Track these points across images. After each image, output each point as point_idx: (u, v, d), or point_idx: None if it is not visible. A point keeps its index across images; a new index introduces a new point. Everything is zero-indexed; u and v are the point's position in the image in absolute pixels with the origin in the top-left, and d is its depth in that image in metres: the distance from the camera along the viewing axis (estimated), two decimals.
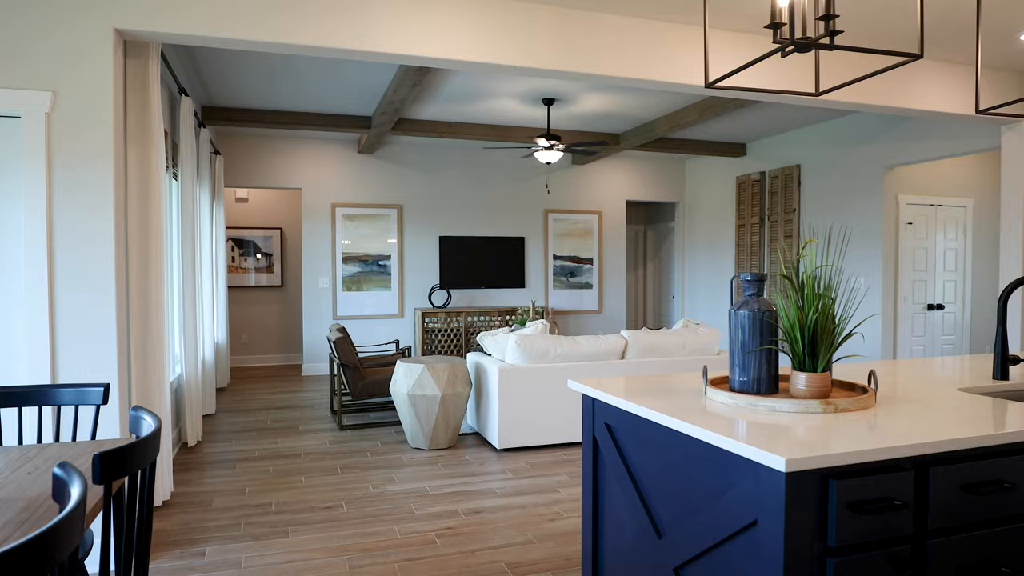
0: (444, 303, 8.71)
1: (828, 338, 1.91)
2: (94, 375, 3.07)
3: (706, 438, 1.68)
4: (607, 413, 2.24)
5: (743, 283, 2.11)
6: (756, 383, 2.05)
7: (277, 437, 5.25)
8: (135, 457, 1.54)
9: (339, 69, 5.56)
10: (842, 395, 2.05)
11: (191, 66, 5.48)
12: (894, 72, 4.54)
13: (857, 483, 1.50)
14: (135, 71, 3.51)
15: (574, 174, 9.50)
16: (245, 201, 9.13)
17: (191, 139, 4.98)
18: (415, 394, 4.75)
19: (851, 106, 4.51)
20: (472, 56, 3.64)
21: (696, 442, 1.78)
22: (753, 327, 2.05)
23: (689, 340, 5.29)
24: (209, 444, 5.03)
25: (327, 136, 8.24)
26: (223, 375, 7.29)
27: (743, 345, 2.06)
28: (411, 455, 4.73)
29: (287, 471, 4.37)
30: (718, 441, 1.64)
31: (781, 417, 1.84)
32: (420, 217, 8.80)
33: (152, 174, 3.58)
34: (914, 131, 6.43)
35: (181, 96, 4.83)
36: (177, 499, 3.83)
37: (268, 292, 9.26)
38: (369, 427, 5.54)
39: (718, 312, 9.37)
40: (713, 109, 6.22)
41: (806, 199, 7.78)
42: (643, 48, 3.94)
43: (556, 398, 4.86)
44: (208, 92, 6.30)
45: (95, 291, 3.06)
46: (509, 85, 5.99)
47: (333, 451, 4.84)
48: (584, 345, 4.98)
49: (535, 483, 4.12)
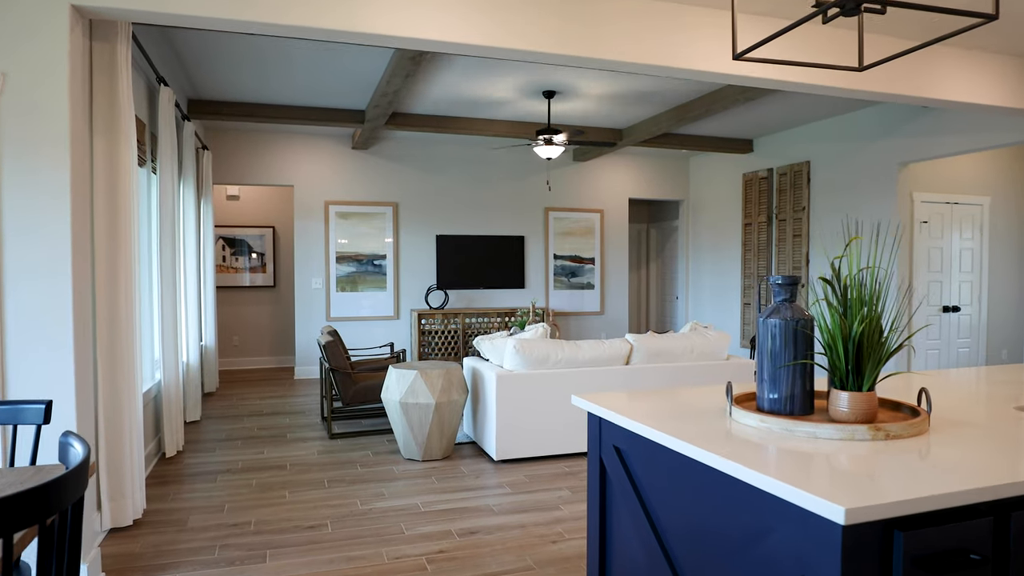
0: (441, 304, 8.44)
1: (876, 352, 1.64)
2: (50, 386, 2.79)
3: (740, 475, 1.41)
4: (616, 435, 1.97)
5: (773, 287, 1.84)
6: (789, 402, 1.78)
7: (263, 446, 4.98)
8: (51, 498, 1.27)
9: (330, 59, 5.29)
10: (889, 416, 1.78)
11: (172, 55, 5.21)
12: (925, 60, 4.26)
13: (926, 534, 1.22)
14: (102, 54, 3.24)
15: (575, 171, 9.23)
16: (237, 199, 8.86)
17: (171, 131, 4.71)
18: (407, 402, 4.47)
19: (880, 96, 4.22)
20: (470, 38, 3.37)
21: (724, 475, 1.51)
22: (785, 337, 1.77)
23: (697, 344, 5.01)
24: (191, 454, 4.76)
25: (320, 131, 7.97)
26: (211, 379, 7.02)
27: (774, 358, 1.79)
28: (403, 467, 4.46)
29: (270, 485, 4.09)
30: (757, 480, 1.36)
31: (823, 445, 1.57)
32: (416, 215, 8.52)
33: (121, 165, 3.31)
34: (931, 125, 6.16)
35: (160, 85, 4.56)
36: (150, 517, 3.56)
37: (260, 293, 8.99)
38: (361, 435, 5.27)
39: (724, 314, 9.10)
40: (722, 102, 5.94)
41: (816, 197, 7.50)
42: (656, 31, 3.66)
43: (557, 406, 4.59)
44: (193, 84, 6.02)
45: (47, 292, 2.78)
46: (508, 77, 5.71)
47: (321, 462, 4.57)
48: (586, 350, 4.71)
49: (535, 499, 3.85)
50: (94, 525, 3.15)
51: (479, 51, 3.51)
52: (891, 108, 6.54)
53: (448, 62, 5.35)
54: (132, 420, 3.40)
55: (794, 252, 7.77)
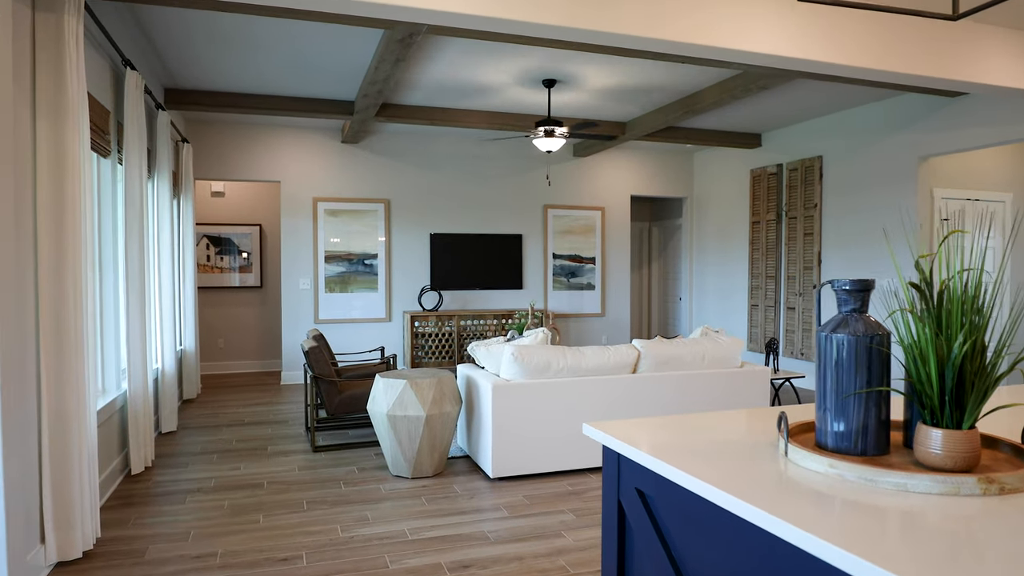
0: (435, 306, 8.06)
1: (982, 379, 1.27)
2: None
3: (819, 551, 1.04)
4: (640, 476, 1.60)
5: (839, 293, 1.47)
6: (860, 438, 1.41)
7: (241, 460, 4.61)
8: None
9: (311, 43, 4.91)
10: (990, 459, 1.41)
11: (143, 39, 4.83)
12: (961, 38, 3.90)
13: None
14: (46, 26, 2.86)
15: (576, 167, 8.85)
16: (222, 196, 8.47)
17: (140, 120, 4.33)
18: (396, 414, 4.10)
19: (910, 79, 3.85)
20: (468, 8, 3.00)
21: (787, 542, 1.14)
22: (856, 357, 1.41)
23: (709, 350, 4.65)
24: (160, 470, 4.38)
25: (308, 124, 7.59)
26: (191, 385, 6.64)
27: (840, 383, 1.42)
28: (391, 485, 4.09)
29: (244, 507, 3.72)
30: (845, 563, 0.99)
31: (916, 501, 1.20)
32: (409, 213, 8.14)
33: (69, 152, 2.93)
34: (954, 117, 5.80)
35: (127, 69, 4.18)
36: (104, 547, 3.18)
37: (247, 294, 8.60)
38: (347, 448, 4.90)
39: (730, 316, 8.73)
40: (733, 91, 5.58)
41: (828, 193, 7.14)
42: (677, 4, 3.29)
43: (558, 419, 4.22)
44: (170, 72, 5.64)
45: None
46: (505, 63, 5.34)
47: (301, 480, 4.19)
48: (590, 357, 4.34)
49: (535, 524, 3.48)
50: (36, 560, 2.77)
51: (479, 23, 3.14)
52: (910, 100, 6.18)
53: (440, 47, 4.97)
54: (83, 439, 3.02)
55: (805, 251, 7.42)
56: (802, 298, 7.46)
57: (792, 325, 7.61)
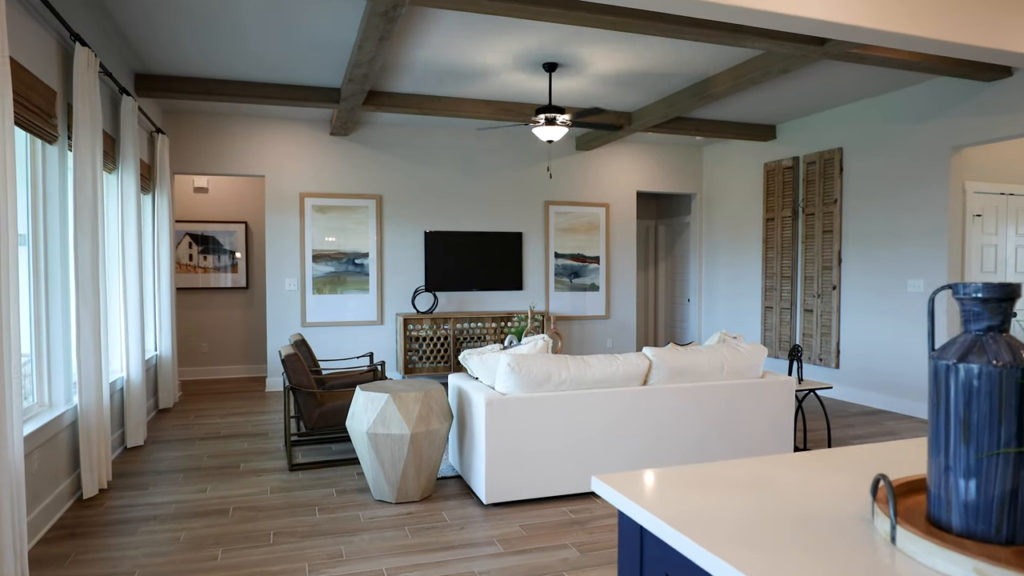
0: (430, 308, 7.60)
1: None
2: None
3: None
4: (673, 561, 1.13)
5: (965, 304, 1.01)
6: (1007, 518, 0.95)
7: (208, 481, 4.15)
8: None
9: (286, 21, 4.46)
10: None
11: (102, 15, 4.38)
12: (1010, 11, 3.43)
13: None
14: None
15: (578, 161, 8.39)
16: (205, 191, 8.02)
17: (92, 101, 3.88)
18: (377, 432, 3.64)
19: (957, 49, 3.37)
20: None
21: None
22: (1002, 398, 0.94)
23: (728, 359, 4.18)
24: (117, 493, 3.93)
25: (294, 115, 7.13)
26: (167, 393, 6.19)
27: (973, 434, 0.96)
28: (372, 512, 3.63)
29: (202, 540, 3.26)
30: None
31: None
32: (403, 209, 7.68)
33: None
34: (992, 102, 5.32)
35: (76, 45, 3.73)
36: None
37: (232, 295, 8.15)
38: (328, 466, 4.44)
39: (742, 318, 8.26)
40: (752, 75, 5.11)
41: (849, 187, 6.67)
42: None
43: (559, 437, 3.76)
44: (140, 56, 5.19)
45: None
46: (502, 41, 4.88)
47: (273, 504, 3.74)
48: (596, 368, 3.88)
49: (533, 562, 3.02)
50: None
51: None
52: (941, 85, 5.71)
53: (429, 24, 4.52)
54: (8, 474, 2.56)
55: (823, 250, 6.94)
56: (820, 300, 6.99)
57: (810, 329, 7.14)
